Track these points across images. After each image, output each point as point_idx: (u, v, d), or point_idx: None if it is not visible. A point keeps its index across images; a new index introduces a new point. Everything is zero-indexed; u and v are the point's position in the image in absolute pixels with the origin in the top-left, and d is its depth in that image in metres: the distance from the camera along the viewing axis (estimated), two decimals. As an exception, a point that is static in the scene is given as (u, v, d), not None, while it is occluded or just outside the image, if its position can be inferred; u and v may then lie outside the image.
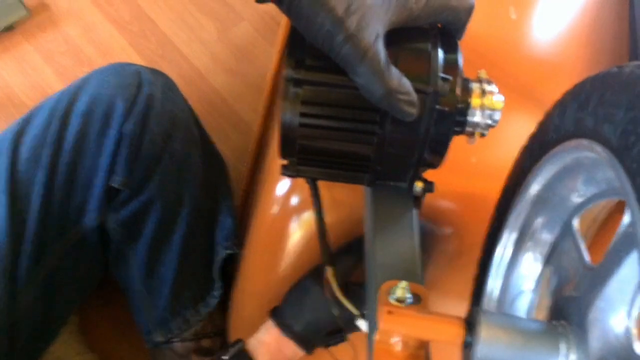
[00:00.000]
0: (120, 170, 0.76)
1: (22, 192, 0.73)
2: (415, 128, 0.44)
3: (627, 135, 0.34)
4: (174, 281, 0.80)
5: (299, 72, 0.44)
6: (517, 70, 0.81)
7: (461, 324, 0.43)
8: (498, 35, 0.83)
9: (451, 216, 0.72)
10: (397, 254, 0.51)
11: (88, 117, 0.75)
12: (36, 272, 0.74)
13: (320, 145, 0.46)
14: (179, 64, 1.14)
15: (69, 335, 0.86)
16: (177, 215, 0.80)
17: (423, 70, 0.44)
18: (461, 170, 0.71)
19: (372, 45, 0.39)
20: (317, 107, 0.45)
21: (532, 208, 0.53)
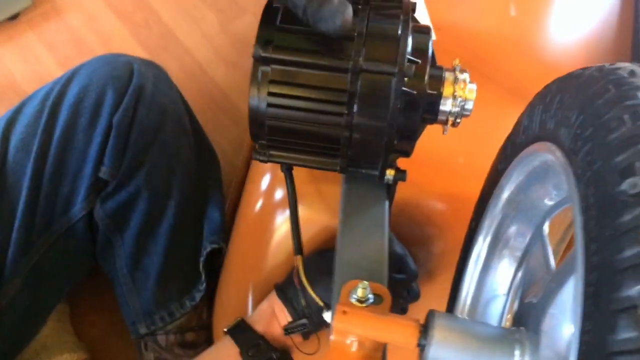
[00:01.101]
0: (109, 161, 0.76)
1: (11, 181, 0.74)
2: (382, 109, 0.44)
3: (576, 140, 0.33)
4: (160, 273, 0.80)
5: (267, 51, 0.44)
6: (512, 68, 0.79)
7: (416, 326, 0.42)
8: (495, 31, 0.82)
9: (439, 216, 0.71)
10: (364, 253, 0.50)
11: (78, 107, 0.76)
12: (23, 262, 0.75)
13: (289, 126, 0.46)
14: (180, 56, 1.14)
15: (57, 323, 0.86)
16: (164, 207, 0.80)
17: (391, 52, 0.44)
18: (449, 170, 0.71)
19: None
20: (285, 87, 0.45)
21: (506, 211, 0.52)
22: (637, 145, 0.28)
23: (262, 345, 0.64)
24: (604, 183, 0.28)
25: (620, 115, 0.29)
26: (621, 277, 0.25)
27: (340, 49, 0.43)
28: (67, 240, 0.79)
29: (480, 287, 0.56)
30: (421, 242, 0.69)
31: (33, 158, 0.74)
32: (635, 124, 0.28)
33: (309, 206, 0.73)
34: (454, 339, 0.41)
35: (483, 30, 0.80)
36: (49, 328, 0.85)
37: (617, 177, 0.27)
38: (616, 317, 0.24)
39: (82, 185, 0.77)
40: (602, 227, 0.27)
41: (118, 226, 0.80)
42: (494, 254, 0.54)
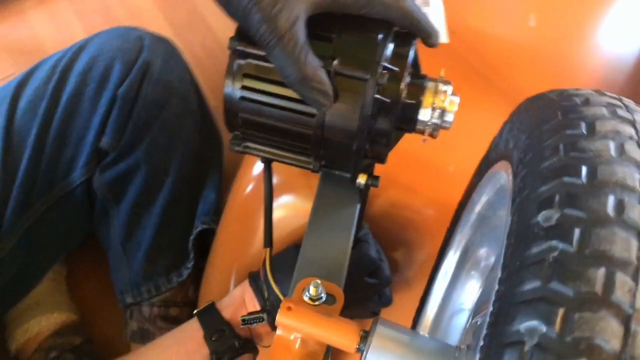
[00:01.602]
0: (110, 132, 0.78)
1: (16, 141, 0.76)
2: (353, 114, 0.44)
3: (519, 163, 0.32)
4: (150, 247, 0.82)
5: (243, 44, 0.44)
6: (522, 80, 0.77)
7: (357, 331, 0.42)
8: (511, 40, 0.80)
9: (422, 223, 0.70)
10: (326, 253, 0.50)
11: (86, 76, 0.77)
12: (21, 221, 0.77)
13: (260, 121, 0.46)
14: (204, 35, 1.15)
15: (52, 282, 0.89)
16: (161, 183, 0.82)
17: (365, 58, 0.43)
18: (438, 177, 0.70)
19: (290, 28, 0.39)
20: (259, 82, 0.45)
21: (476, 226, 0.51)
22: (562, 177, 0.27)
23: (227, 331, 0.64)
24: (525, 212, 0.27)
25: (557, 144, 0.28)
26: (515, 310, 0.24)
27: (318, 51, 0.43)
28: (65, 204, 0.80)
29: (446, 300, 0.55)
30: (402, 247, 0.69)
31: (39, 121, 0.76)
32: (568, 154, 0.28)
33: (299, 198, 0.73)
34: (392, 348, 0.40)
35: (498, 38, 0.79)
36: (44, 286, 0.88)
37: (536, 207, 0.26)
38: (503, 351, 0.24)
39: (84, 152, 0.78)
40: (513, 256, 0.26)
41: (115, 196, 0.82)
42: (462, 270, 0.53)
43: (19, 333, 0.84)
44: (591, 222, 0.25)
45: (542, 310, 0.23)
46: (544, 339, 0.23)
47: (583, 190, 0.26)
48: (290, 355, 0.43)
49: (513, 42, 0.78)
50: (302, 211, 0.71)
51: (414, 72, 0.47)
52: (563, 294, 0.23)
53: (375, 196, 0.71)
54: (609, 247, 0.24)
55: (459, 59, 0.76)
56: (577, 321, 0.23)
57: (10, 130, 0.76)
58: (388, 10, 0.42)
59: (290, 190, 0.74)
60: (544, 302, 0.23)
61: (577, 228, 0.25)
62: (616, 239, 0.24)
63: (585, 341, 0.22)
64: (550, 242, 0.25)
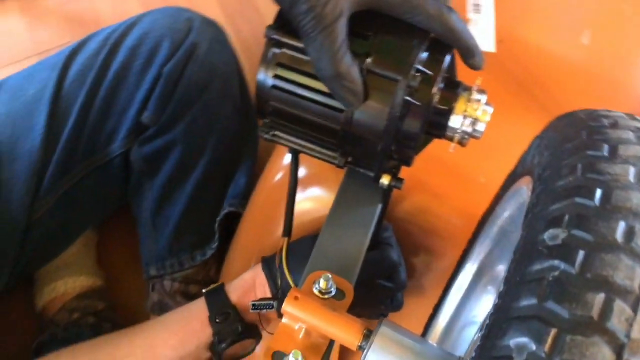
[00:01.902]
0: (152, 108, 0.80)
1: (63, 107, 0.79)
2: (381, 113, 0.44)
3: (537, 179, 0.31)
4: (178, 223, 0.84)
5: (280, 34, 0.44)
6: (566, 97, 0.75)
7: (360, 329, 0.42)
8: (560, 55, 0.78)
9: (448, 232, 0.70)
10: (342, 248, 0.50)
11: (135, 51, 0.80)
12: (60, 184, 0.80)
13: (290, 111, 0.47)
14: (255, 23, 1.16)
15: (83, 247, 0.92)
16: (196, 163, 0.83)
17: (399, 59, 0.43)
18: (469, 187, 0.69)
19: (333, 22, 0.39)
20: (291, 73, 0.45)
21: (497, 240, 0.50)
22: (575, 197, 0.26)
23: (232, 314, 0.64)
24: (533, 228, 0.27)
25: (575, 164, 0.28)
26: (508, 325, 0.24)
27: (353, 47, 0.43)
28: (103, 173, 0.83)
29: (459, 311, 0.55)
30: (423, 253, 0.68)
31: (86, 90, 0.79)
32: (585, 175, 0.27)
33: (328, 191, 0.74)
34: (393, 350, 0.40)
35: (547, 52, 0.77)
36: (75, 250, 0.91)
37: (544, 225, 0.26)
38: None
39: (125, 124, 0.81)
40: (515, 272, 0.26)
41: (150, 171, 0.84)
42: (479, 283, 0.53)
43: (47, 291, 0.87)
44: (597, 246, 0.24)
45: (534, 329, 0.23)
46: (532, 357, 0.22)
47: (594, 213, 0.25)
48: (293, 344, 0.44)
49: (562, 57, 0.76)
50: (328, 205, 0.72)
51: (449, 78, 0.46)
52: (558, 314, 0.23)
53: (402, 199, 0.70)
54: (611, 273, 0.23)
55: (503, 69, 0.75)
56: (568, 343, 0.22)
57: (58, 96, 0.78)
58: (431, 22, 0.41)
59: (319, 182, 0.74)
60: (537, 321, 0.23)
61: (581, 250, 0.24)
62: (620, 265, 0.23)
63: (574, 365, 0.22)
64: (553, 261, 0.24)
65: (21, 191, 0.76)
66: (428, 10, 0.41)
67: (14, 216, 0.76)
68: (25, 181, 0.76)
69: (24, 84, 0.80)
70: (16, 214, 0.76)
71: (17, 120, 0.77)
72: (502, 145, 0.62)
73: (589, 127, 0.30)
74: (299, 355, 0.43)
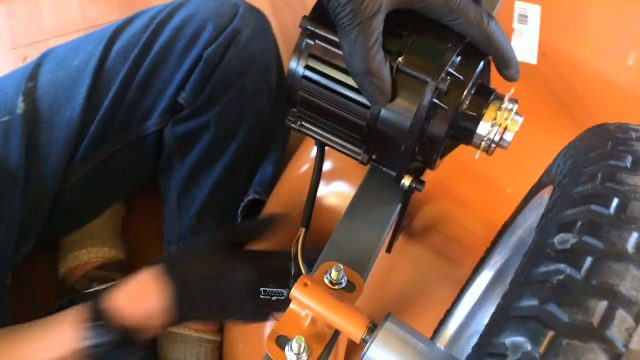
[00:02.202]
0: (189, 89, 0.81)
1: (105, 80, 0.81)
2: (407, 113, 0.43)
3: (557, 186, 0.31)
4: (203, 205, 0.85)
5: (315, 25, 0.44)
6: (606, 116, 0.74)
7: (366, 322, 0.42)
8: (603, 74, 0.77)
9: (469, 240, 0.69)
10: (356, 242, 0.50)
11: (179, 32, 0.81)
12: (93, 155, 0.82)
13: (318, 102, 0.47)
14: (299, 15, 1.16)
15: (110, 219, 0.94)
16: (226, 147, 0.84)
17: (430, 61, 0.42)
18: (495, 197, 0.68)
19: (370, 18, 0.39)
20: (322, 65, 0.45)
21: (515, 250, 0.49)
22: (591, 204, 0.26)
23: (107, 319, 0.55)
24: (545, 232, 0.26)
25: (596, 172, 0.27)
26: (506, 323, 0.24)
27: (386, 45, 0.43)
28: (136, 148, 0.85)
29: (470, 318, 0.54)
30: (441, 259, 0.68)
31: (128, 66, 0.80)
32: (604, 184, 0.26)
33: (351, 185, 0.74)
34: (395, 346, 0.40)
35: (590, 69, 0.75)
36: (101, 221, 0.93)
37: (556, 229, 0.26)
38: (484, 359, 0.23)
39: (162, 103, 0.82)
40: (522, 272, 0.26)
41: (181, 151, 0.85)
42: (493, 292, 0.52)
43: (70, 258, 0.89)
44: (606, 254, 0.24)
45: (532, 329, 0.23)
46: (526, 357, 0.22)
47: (608, 222, 0.25)
48: (298, 330, 0.44)
49: (605, 75, 0.74)
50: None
51: (482, 84, 0.45)
52: (557, 317, 0.23)
53: (427, 204, 0.70)
54: (617, 282, 0.23)
55: (542, 82, 0.74)
56: (564, 347, 0.22)
57: (101, 69, 0.80)
58: (470, 28, 0.41)
59: (344, 177, 0.74)
60: (536, 322, 0.23)
61: (590, 256, 0.24)
62: (628, 275, 0.23)
63: (567, 369, 0.21)
64: (559, 265, 0.24)
65: (57, 158, 0.78)
66: (468, 14, 0.41)
67: (47, 182, 0.78)
68: (62, 149, 0.78)
69: (69, 54, 0.82)
70: (49, 180, 0.78)
71: (60, 89, 0.79)
72: (534, 158, 0.61)
73: (616, 138, 0.30)
74: (302, 341, 0.43)
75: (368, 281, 0.70)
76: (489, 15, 0.42)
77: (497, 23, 0.42)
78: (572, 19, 0.80)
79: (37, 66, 0.80)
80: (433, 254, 0.68)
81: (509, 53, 0.43)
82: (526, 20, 0.80)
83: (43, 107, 0.78)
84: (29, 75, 0.79)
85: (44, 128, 0.78)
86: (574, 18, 0.80)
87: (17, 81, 0.79)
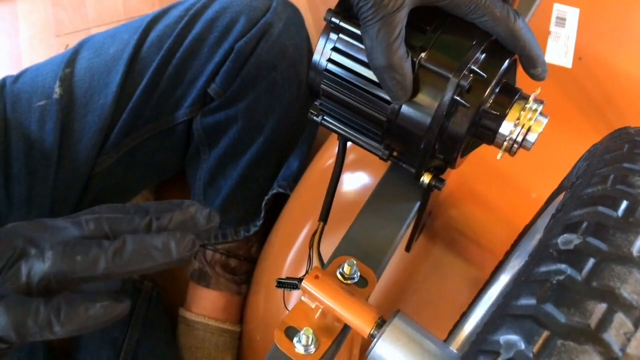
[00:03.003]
0: (219, 81, 0.82)
1: (138, 69, 0.82)
2: (427, 110, 0.43)
3: (570, 187, 0.30)
4: (228, 196, 0.86)
5: (339, 18, 0.44)
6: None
7: (374, 317, 0.42)
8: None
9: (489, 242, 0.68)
10: (372, 238, 0.50)
11: (212, 24, 0.82)
12: (124, 142, 0.83)
13: (339, 96, 0.47)
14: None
15: (138, 206, 0.96)
16: (253, 140, 0.85)
17: (452, 57, 0.42)
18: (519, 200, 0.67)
19: (394, 12, 0.38)
20: (345, 59, 0.45)
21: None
22: (598, 206, 0.25)
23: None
24: (551, 232, 0.26)
25: (608, 174, 0.27)
26: (502, 321, 0.23)
27: (409, 40, 0.43)
28: (166, 137, 0.86)
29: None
30: (461, 260, 0.67)
31: (161, 55, 0.82)
32: (614, 186, 0.26)
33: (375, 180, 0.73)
34: (403, 342, 0.40)
35: (626, 74, 0.73)
36: (130, 207, 0.95)
37: (561, 229, 0.25)
38: (477, 356, 0.23)
39: (192, 93, 0.83)
40: (524, 271, 0.25)
41: (209, 141, 0.86)
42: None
43: (97, 243, 0.91)
44: (610, 256, 0.23)
45: (527, 328, 0.22)
46: (519, 356, 0.22)
47: (614, 224, 0.24)
48: (307, 322, 0.44)
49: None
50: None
51: (507, 83, 0.45)
52: (554, 317, 0.22)
53: (450, 205, 0.69)
54: (619, 285, 0.22)
55: (577, 86, 0.72)
56: (558, 347, 0.21)
57: (135, 58, 0.82)
58: (496, 25, 0.40)
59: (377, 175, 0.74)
60: (531, 321, 0.22)
61: (592, 258, 0.23)
62: (630, 279, 0.22)
63: (560, 370, 0.21)
64: (560, 265, 0.23)
65: (89, 143, 0.80)
66: (494, 11, 0.40)
67: (79, 166, 0.80)
68: (94, 134, 0.80)
69: (106, 42, 0.84)
70: (81, 165, 0.80)
71: (96, 75, 0.81)
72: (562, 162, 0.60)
73: (634, 141, 0.29)
74: (310, 332, 0.43)
75: (386, 279, 0.70)
76: (516, 13, 0.41)
77: (524, 21, 0.41)
78: (611, 23, 0.77)
79: (75, 53, 0.82)
80: (454, 256, 0.67)
81: (536, 52, 0.42)
82: (564, 23, 0.79)
83: (78, 93, 0.80)
84: (67, 62, 0.81)
85: (79, 114, 0.80)
86: (613, 22, 0.78)
87: (55, 67, 0.81)
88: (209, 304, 0.88)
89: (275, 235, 0.83)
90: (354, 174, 0.74)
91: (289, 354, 0.43)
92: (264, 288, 0.82)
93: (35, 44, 1.25)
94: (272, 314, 0.79)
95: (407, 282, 0.66)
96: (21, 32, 1.26)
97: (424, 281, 0.65)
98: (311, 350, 0.44)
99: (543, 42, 0.77)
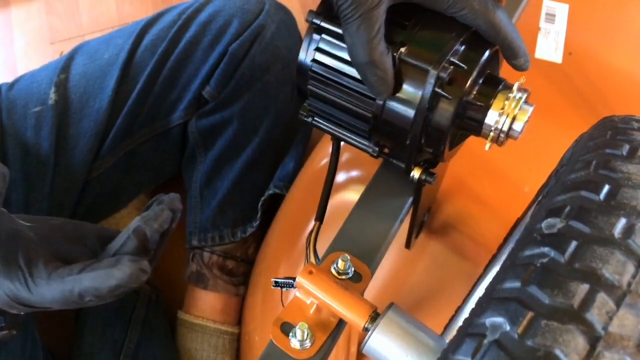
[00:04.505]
0: (214, 83, 0.82)
1: (133, 73, 0.83)
2: (410, 104, 0.43)
3: (554, 174, 0.31)
4: (224, 198, 0.86)
5: (320, 19, 0.44)
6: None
7: (369, 311, 0.42)
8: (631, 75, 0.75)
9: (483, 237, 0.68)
10: (366, 233, 0.50)
11: (205, 27, 0.83)
12: (120, 146, 0.84)
13: (325, 95, 0.47)
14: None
15: (134, 210, 0.96)
16: (249, 141, 0.85)
17: (432, 50, 0.42)
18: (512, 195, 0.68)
19: (372, 9, 0.39)
20: (328, 58, 0.45)
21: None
22: (580, 190, 0.25)
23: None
24: (535, 217, 0.26)
25: (591, 160, 0.27)
26: (488, 304, 0.24)
27: (390, 36, 0.43)
28: (161, 140, 0.87)
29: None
30: (456, 256, 0.67)
31: (155, 59, 0.82)
32: (597, 171, 0.26)
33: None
34: (396, 334, 0.40)
35: (616, 69, 0.74)
36: (127, 212, 0.95)
37: (545, 214, 0.25)
38: (463, 339, 0.23)
39: (187, 97, 0.84)
40: (510, 255, 0.26)
41: (204, 144, 0.87)
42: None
43: (96, 247, 0.91)
44: (592, 238, 0.23)
45: (512, 310, 0.23)
46: (504, 337, 0.22)
47: (596, 207, 0.24)
48: (302, 317, 0.44)
49: (632, 76, 0.73)
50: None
51: (490, 74, 0.45)
52: (537, 299, 0.23)
53: (444, 202, 0.70)
54: (600, 266, 0.23)
55: (567, 81, 0.73)
56: (542, 328, 0.22)
57: (130, 63, 0.82)
58: (476, 18, 0.41)
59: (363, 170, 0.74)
60: (516, 302, 0.23)
61: (575, 240, 0.24)
62: (612, 260, 0.23)
63: (545, 349, 0.21)
64: (543, 248, 0.24)
65: (84, 148, 0.81)
66: (473, 4, 0.40)
67: (75, 172, 0.81)
68: (89, 139, 0.81)
69: (100, 48, 0.84)
70: (77, 170, 0.81)
71: (90, 81, 0.82)
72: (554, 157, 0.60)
73: (617, 128, 0.30)
74: (305, 327, 0.43)
75: (383, 275, 0.70)
76: (495, 5, 0.42)
77: (504, 12, 0.42)
78: (601, 18, 0.78)
79: (70, 59, 0.83)
80: (449, 251, 0.67)
81: (517, 42, 0.42)
82: (553, 19, 0.79)
83: (73, 98, 0.81)
84: (62, 68, 0.82)
85: (74, 119, 0.81)
86: (603, 18, 0.78)
87: (50, 73, 0.82)
88: (207, 305, 0.88)
89: (271, 236, 0.83)
90: (348, 173, 0.74)
91: (284, 349, 0.44)
92: (262, 289, 0.83)
93: (30, 52, 1.26)
94: (270, 315, 0.80)
95: (405, 278, 0.67)
96: (16, 40, 1.27)
97: (422, 277, 0.66)
98: (307, 345, 0.44)
99: (533, 38, 0.77)
